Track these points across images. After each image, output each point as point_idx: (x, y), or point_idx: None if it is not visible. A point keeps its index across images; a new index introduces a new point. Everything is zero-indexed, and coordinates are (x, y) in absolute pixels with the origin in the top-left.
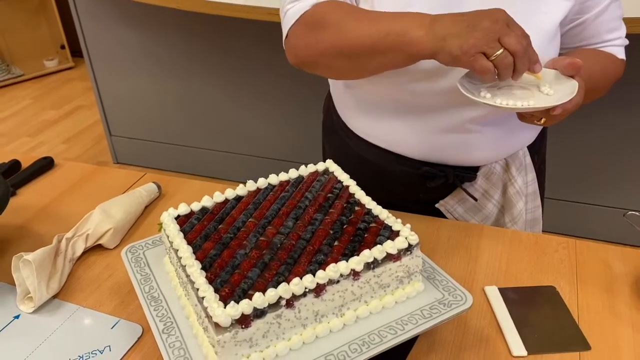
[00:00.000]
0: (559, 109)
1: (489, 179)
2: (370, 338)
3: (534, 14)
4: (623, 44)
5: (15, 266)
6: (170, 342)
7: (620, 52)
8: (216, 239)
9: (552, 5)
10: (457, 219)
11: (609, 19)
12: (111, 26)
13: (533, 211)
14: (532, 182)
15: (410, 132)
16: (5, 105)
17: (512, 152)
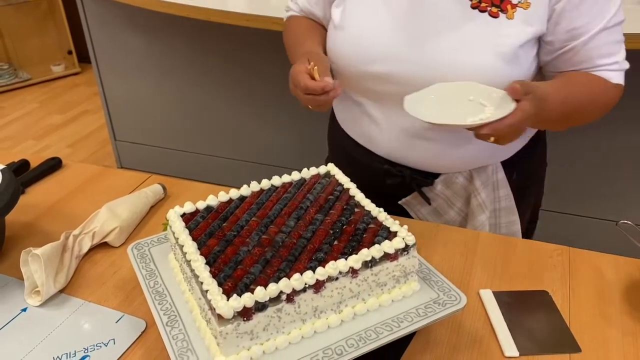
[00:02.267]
0: (486, 129)
1: (450, 188)
2: (367, 334)
3: (491, 36)
4: (620, 68)
5: (24, 260)
6: (174, 335)
7: (615, 77)
8: (220, 236)
9: (512, 30)
10: (421, 219)
11: (600, 44)
12: (119, 33)
13: (508, 226)
14: (506, 198)
15: (377, 130)
16: (12, 108)
17: (477, 166)
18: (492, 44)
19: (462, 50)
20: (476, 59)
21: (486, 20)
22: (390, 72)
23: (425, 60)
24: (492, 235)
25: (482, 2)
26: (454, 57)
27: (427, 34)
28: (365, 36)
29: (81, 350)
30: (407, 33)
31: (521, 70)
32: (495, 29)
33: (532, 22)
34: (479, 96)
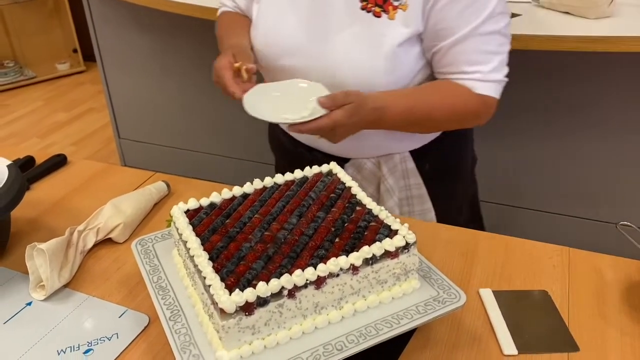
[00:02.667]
0: (293, 128)
1: (360, 172)
2: (367, 330)
3: (375, 35)
4: (484, 79)
5: (29, 255)
6: (177, 329)
7: (480, 87)
8: (223, 233)
9: (393, 30)
10: None
11: (469, 50)
12: (124, 31)
13: (422, 214)
14: (417, 187)
15: None
16: (17, 106)
17: (383, 154)
18: (376, 43)
19: (352, 49)
20: (362, 57)
21: (371, 20)
22: (295, 67)
23: (323, 56)
24: (492, 235)
25: (369, 3)
26: (345, 55)
27: (325, 32)
28: (271, 34)
29: (85, 343)
30: (308, 31)
31: (403, 68)
32: (378, 29)
33: (409, 23)
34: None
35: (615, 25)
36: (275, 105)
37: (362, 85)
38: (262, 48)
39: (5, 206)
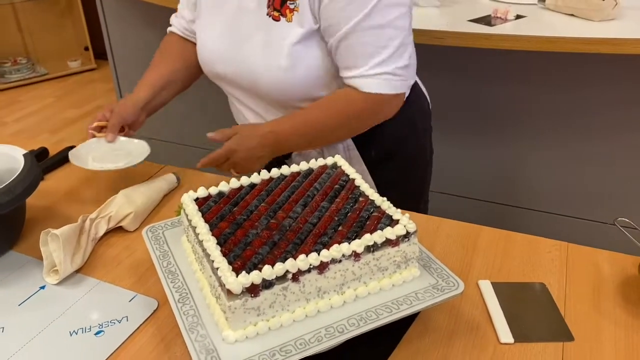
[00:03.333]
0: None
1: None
2: (368, 315)
3: (276, 37)
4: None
5: (43, 240)
6: (185, 310)
7: (364, 85)
8: (231, 220)
9: (291, 31)
10: None
11: (354, 45)
12: (135, 29)
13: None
14: (362, 173)
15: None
16: (29, 102)
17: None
18: (277, 45)
19: (260, 53)
20: (268, 59)
21: (272, 24)
22: (226, 73)
23: (242, 62)
24: (492, 230)
25: (269, 8)
26: (256, 59)
27: (242, 40)
28: (203, 44)
29: (96, 325)
30: (230, 40)
31: (304, 64)
32: (278, 31)
33: (303, 23)
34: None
35: (619, 27)
36: (99, 155)
37: (277, 85)
38: (201, 60)
39: (21, 193)
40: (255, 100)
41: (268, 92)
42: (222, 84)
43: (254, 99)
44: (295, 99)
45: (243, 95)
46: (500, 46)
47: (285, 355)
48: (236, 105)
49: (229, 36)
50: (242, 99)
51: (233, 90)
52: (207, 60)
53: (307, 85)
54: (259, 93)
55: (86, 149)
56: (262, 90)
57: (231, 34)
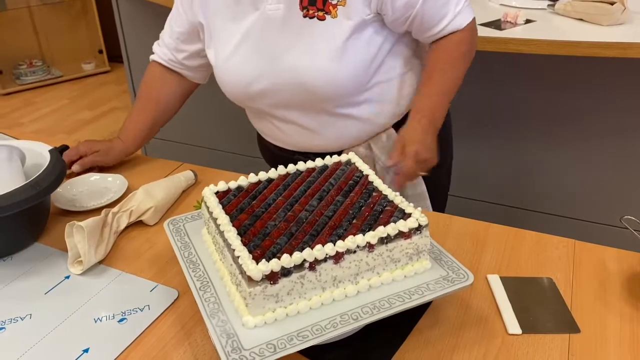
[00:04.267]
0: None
1: None
2: (381, 303)
3: (323, 37)
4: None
5: (68, 232)
6: (206, 298)
7: (462, 20)
8: (250, 212)
9: (339, 28)
10: None
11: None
12: (150, 32)
13: (413, 187)
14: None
15: (278, 132)
16: (44, 103)
17: (371, 137)
18: (327, 44)
19: (306, 57)
20: (315, 62)
21: (317, 25)
22: (265, 90)
23: (284, 72)
24: (501, 227)
25: (310, 9)
26: (302, 64)
27: (280, 50)
28: (233, 69)
29: (119, 313)
30: (263, 55)
31: (353, 63)
32: (325, 30)
33: (352, 15)
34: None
35: (627, 32)
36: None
37: (328, 85)
38: (230, 84)
39: (48, 187)
40: (298, 111)
41: (319, 94)
42: (256, 103)
43: (296, 110)
44: (345, 94)
45: (283, 107)
46: (510, 49)
47: (302, 340)
48: (274, 123)
49: (260, 52)
50: (282, 112)
51: (270, 105)
52: (240, 83)
53: (357, 77)
54: (306, 98)
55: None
56: (313, 94)
57: (263, 49)
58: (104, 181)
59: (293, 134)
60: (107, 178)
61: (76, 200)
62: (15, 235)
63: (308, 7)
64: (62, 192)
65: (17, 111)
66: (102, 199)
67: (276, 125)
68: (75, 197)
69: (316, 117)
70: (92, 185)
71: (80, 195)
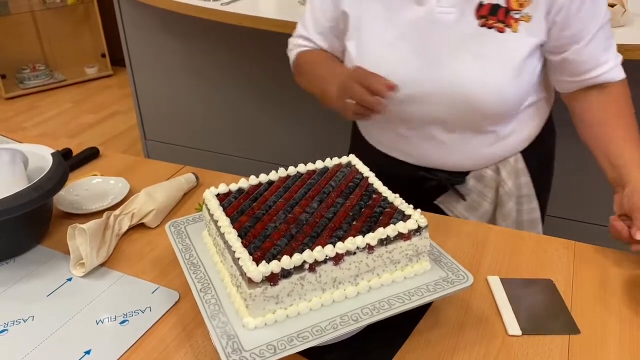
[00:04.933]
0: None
1: (481, 181)
2: (381, 304)
3: (501, 51)
4: (618, 62)
5: (70, 235)
6: (207, 299)
7: (618, 73)
8: (250, 214)
9: (518, 42)
10: (458, 216)
11: (600, 41)
12: (152, 36)
13: (530, 212)
14: (526, 185)
15: (405, 143)
16: (47, 107)
17: (501, 159)
18: (502, 58)
19: (476, 69)
20: (489, 77)
21: (494, 36)
22: (412, 96)
23: (443, 80)
24: (502, 229)
25: (489, 19)
26: (471, 76)
27: (442, 56)
28: (383, 67)
29: (121, 315)
30: (420, 58)
31: (525, 83)
32: (503, 44)
33: (534, 33)
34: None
35: (628, 34)
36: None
37: (497, 103)
38: None
39: (50, 190)
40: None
41: (481, 110)
42: (395, 109)
43: (441, 122)
44: (507, 114)
45: (426, 117)
46: None
47: (302, 341)
48: (404, 132)
49: (418, 56)
50: (422, 123)
51: (409, 113)
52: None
53: (523, 98)
54: (461, 112)
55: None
56: (473, 109)
57: (422, 53)
58: (106, 184)
59: (425, 148)
60: (109, 181)
61: (78, 203)
62: (18, 237)
63: (487, 17)
64: (65, 194)
65: (21, 115)
66: (104, 202)
67: (405, 135)
68: (78, 199)
69: (460, 132)
70: (94, 187)
71: (82, 197)
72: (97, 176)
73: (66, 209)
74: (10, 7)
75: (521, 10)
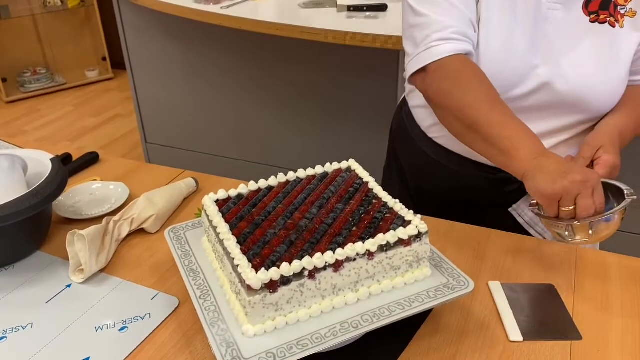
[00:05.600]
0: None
1: None
2: (381, 311)
3: (611, 47)
4: None
5: (69, 241)
6: (206, 306)
7: None
8: (250, 220)
9: (626, 37)
10: (527, 222)
11: None
12: (153, 40)
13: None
14: None
15: None
16: (48, 110)
17: None
18: (615, 54)
19: (594, 63)
20: (607, 70)
21: (606, 31)
22: (532, 91)
23: (561, 76)
24: (503, 233)
25: (601, 14)
26: (588, 71)
27: (557, 50)
28: (504, 59)
29: (120, 322)
30: (540, 51)
31: (626, 76)
32: (614, 39)
33: (638, 27)
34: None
35: None
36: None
37: (605, 100)
38: (496, 72)
39: (49, 196)
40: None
41: (587, 106)
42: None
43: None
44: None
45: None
46: None
47: (302, 348)
48: None
49: (536, 48)
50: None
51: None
52: (507, 80)
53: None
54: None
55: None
56: (580, 104)
57: (538, 45)
58: (105, 189)
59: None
60: (109, 186)
61: (78, 209)
62: (17, 243)
63: (598, 12)
64: (64, 200)
65: (21, 119)
66: (103, 207)
67: None
68: (77, 205)
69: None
70: (94, 193)
71: (82, 203)
72: (97, 181)
73: (65, 215)
74: (11, 10)
75: (626, 5)
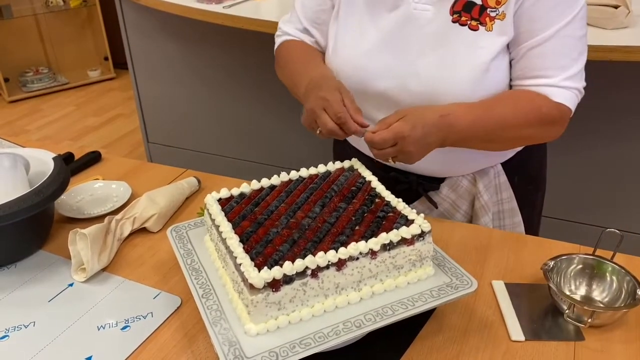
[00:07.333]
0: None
1: (456, 191)
2: (384, 310)
3: (470, 48)
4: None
5: (71, 240)
6: (209, 305)
7: (557, 94)
8: (252, 219)
9: (489, 41)
10: None
11: (549, 53)
12: (155, 40)
13: (512, 227)
14: (508, 200)
15: None
16: (50, 110)
17: (479, 169)
18: (473, 56)
19: (446, 65)
20: (458, 72)
21: (467, 33)
22: (389, 90)
23: (415, 76)
24: (505, 233)
25: (462, 16)
26: (440, 72)
27: (410, 49)
28: (357, 58)
29: (122, 321)
30: (394, 50)
31: (494, 80)
32: (474, 43)
33: (506, 31)
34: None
35: (632, 35)
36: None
37: (454, 101)
38: (347, 75)
39: (51, 195)
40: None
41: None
42: (365, 104)
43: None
44: None
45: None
46: None
47: (304, 347)
48: None
49: (392, 47)
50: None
51: (377, 109)
52: (363, 77)
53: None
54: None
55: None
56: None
57: (395, 46)
58: (107, 188)
59: None
60: (111, 185)
61: (80, 208)
62: (19, 242)
63: (461, 13)
64: (66, 199)
65: (24, 118)
66: (105, 206)
67: None
68: (79, 204)
69: None
70: (96, 192)
71: (84, 202)
72: (99, 180)
73: (67, 214)
74: (13, 10)
75: (498, 9)
